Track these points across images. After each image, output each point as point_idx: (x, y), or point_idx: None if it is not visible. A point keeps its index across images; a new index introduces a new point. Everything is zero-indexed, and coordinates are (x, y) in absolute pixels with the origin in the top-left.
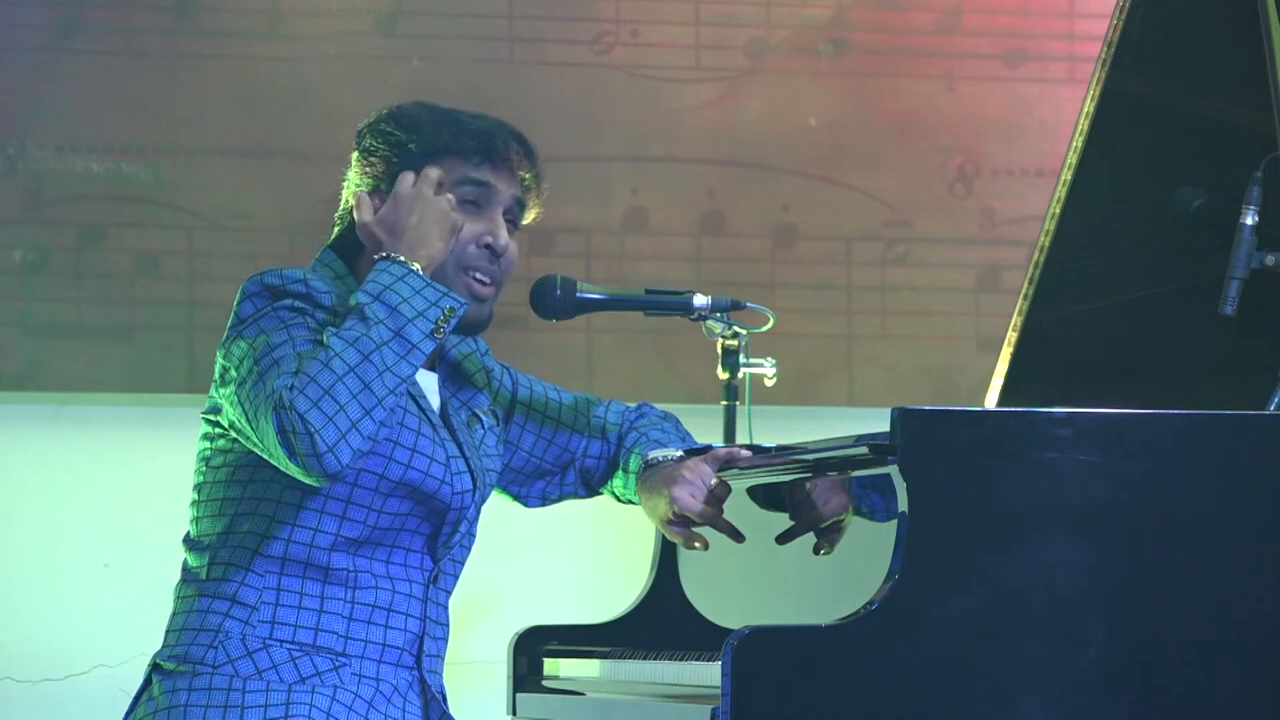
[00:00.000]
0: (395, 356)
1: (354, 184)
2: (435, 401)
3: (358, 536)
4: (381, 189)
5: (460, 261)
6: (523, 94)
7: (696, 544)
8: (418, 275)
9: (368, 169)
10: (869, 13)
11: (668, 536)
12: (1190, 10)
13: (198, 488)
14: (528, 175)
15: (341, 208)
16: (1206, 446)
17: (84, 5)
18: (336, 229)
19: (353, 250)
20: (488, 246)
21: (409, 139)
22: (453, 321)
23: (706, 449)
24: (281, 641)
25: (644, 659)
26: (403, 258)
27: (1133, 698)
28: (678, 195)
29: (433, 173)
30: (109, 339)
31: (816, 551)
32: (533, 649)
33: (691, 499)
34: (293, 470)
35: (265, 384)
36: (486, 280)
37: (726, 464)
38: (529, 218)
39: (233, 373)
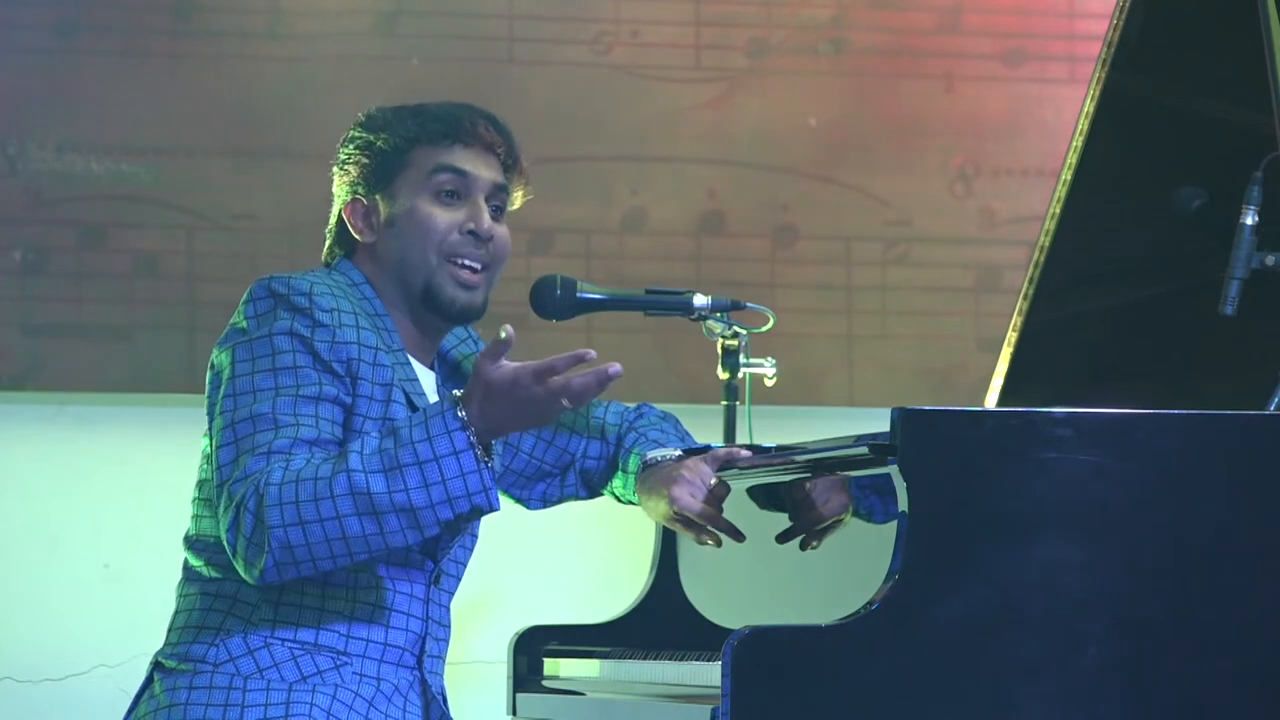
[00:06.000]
0: (396, 529)
1: (338, 198)
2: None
3: None
4: (360, 195)
5: (444, 251)
6: (523, 94)
7: (709, 540)
8: (472, 456)
9: (345, 178)
10: (869, 13)
11: (679, 532)
12: (1190, 10)
13: (200, 485)
14: (503, 152)
15: (331, 221)
16: (1206, 446)
17: (84, 5)
18: (329, 241)
19: (351, 254)
20: (471, 232)
21: (377, 137)
22: (471, 520)
23: (706, 449)
24: (283, 640)
25: (644, 659)
26: (474, 429)
27: (1133, 698)
28: (677, 195)
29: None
30: (109, 339)
31: (803, 547)
32: (533, 649)
33: (691, 499)
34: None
35: (240, 462)
36: (475, 266)
37: (726, 464)
38: (516, 201)
39: (219, 393)
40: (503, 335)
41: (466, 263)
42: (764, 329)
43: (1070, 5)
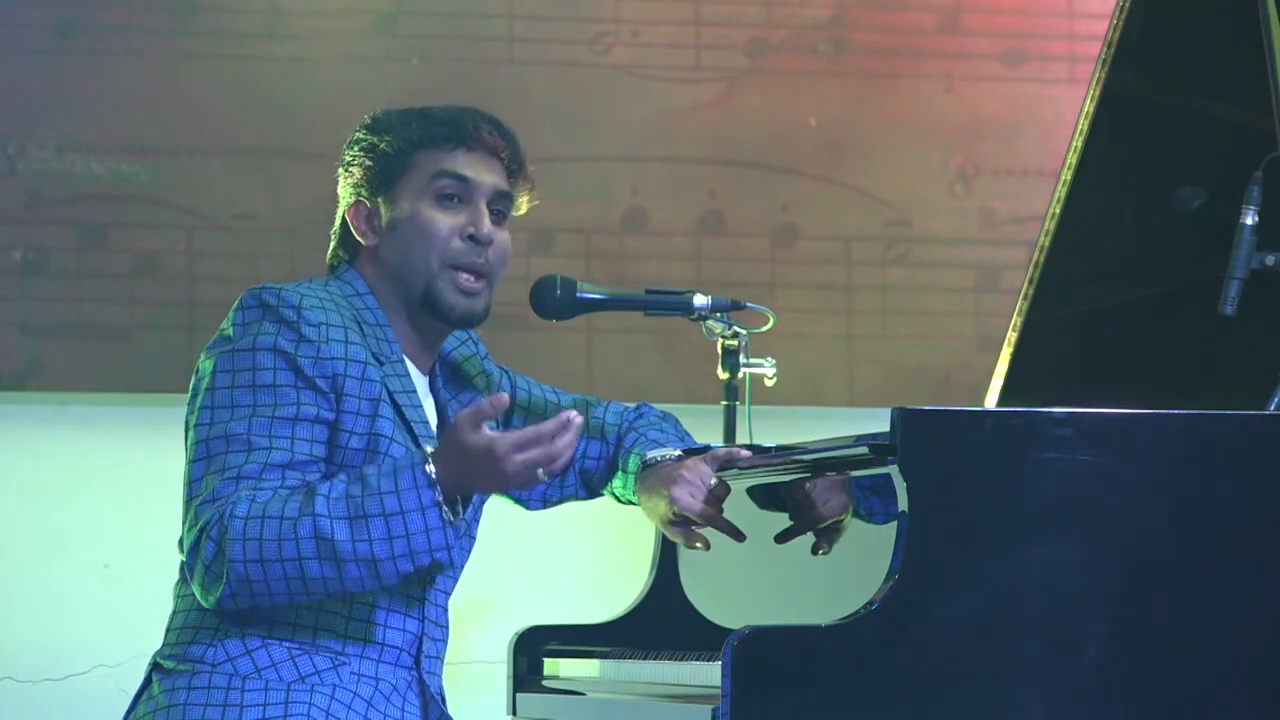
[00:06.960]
0: (355, 577)
1: (342, 200)
2: (429, 404)
3: None
4: (363, 198)
5: (445, 258)
6: (523, 94)
7: (698, 544)
8: (437, 513)
9: (348, 180)
10: (869, 13)
11: (669, 536)
12: (1190, 10)
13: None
14: (507, 157)
15: (335, 223)
16: (1206, 446)
17: (84, 5)
18: (333, 243)
19: (355, 256)
20: (471, 237)
21: (380, 140)
22: (431, 572)
23: (706, 449)
24: (281, 640)
25: (644, 659)
26: (442, 486)
27: (1133, 698)
28: (678, 195)
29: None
30: (109, 339)
31: (815, 551)
32: (533, 649)
33: (691, 499)
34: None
35: (208, 482)
36: (475, 273)
37: (726, 464)
38: (521, 206)
39: (197, 402)
40: (487, 405)
41: (466, 271)
42: (764, 329)
43: (1070, 5)
